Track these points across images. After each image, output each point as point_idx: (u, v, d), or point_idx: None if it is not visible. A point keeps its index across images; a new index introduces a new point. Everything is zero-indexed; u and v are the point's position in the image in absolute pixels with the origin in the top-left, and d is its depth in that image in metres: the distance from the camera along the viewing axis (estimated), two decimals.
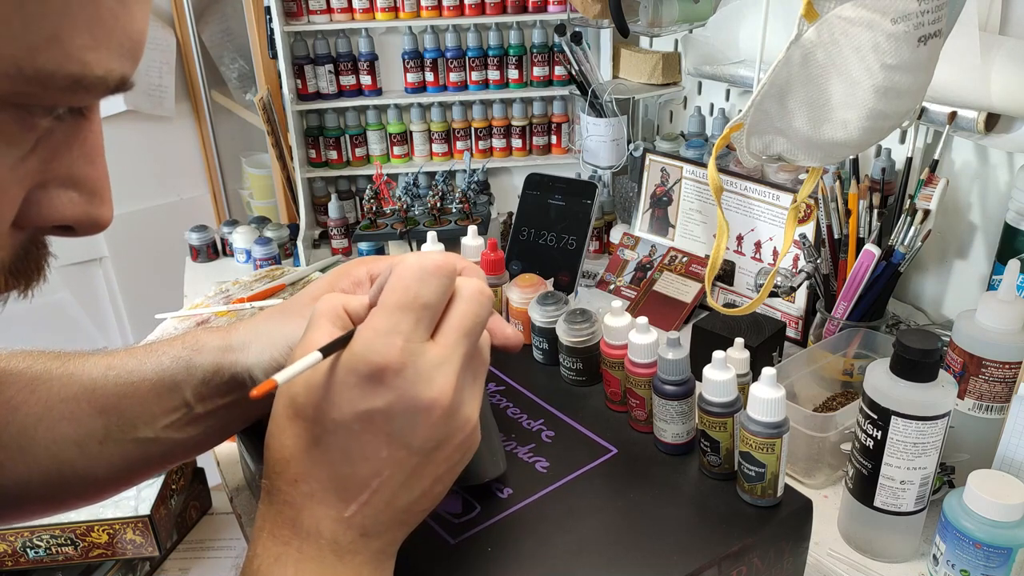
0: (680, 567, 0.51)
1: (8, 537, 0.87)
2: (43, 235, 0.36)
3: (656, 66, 1.28)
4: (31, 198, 0.33)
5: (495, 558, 0.52)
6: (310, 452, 0.43)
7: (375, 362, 0.41)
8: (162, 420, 0.58)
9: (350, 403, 0.42)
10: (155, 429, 0.58)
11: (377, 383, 0.41)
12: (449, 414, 0.43)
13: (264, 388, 0.39)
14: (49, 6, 0.28)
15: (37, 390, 0.57)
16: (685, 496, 0.58)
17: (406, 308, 0.42)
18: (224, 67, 2.04)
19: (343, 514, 0.43)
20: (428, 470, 0.44)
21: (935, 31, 0.63)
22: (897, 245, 0.86)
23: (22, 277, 0.35)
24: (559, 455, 0.62)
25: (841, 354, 0.88)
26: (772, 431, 0.56)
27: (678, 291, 1.11)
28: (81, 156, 0.34)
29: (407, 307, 0.42)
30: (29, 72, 0.29)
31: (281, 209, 1.64)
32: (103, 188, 0.35)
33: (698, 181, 1.13)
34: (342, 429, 0.42)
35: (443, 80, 1.36)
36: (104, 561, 0.91)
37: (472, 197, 1.25)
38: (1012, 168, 0.93)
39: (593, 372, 0.70)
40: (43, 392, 0.57)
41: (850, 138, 0.66)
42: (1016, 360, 0.70)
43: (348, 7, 1.30)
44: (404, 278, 0.43)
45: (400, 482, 0.44)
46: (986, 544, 0.61)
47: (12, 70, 0.28)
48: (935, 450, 0.65)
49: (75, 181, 0.34)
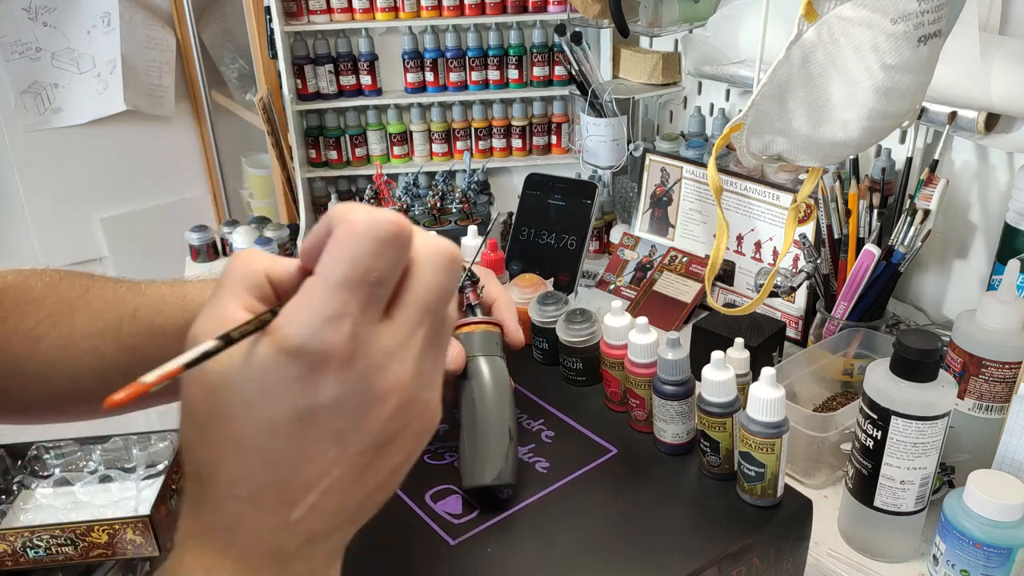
0: (680, 567, 0.51)
1: (8, 537, 0.87)
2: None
3: (656, 66, 1.28)
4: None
5: (495, 558, 0.52)
6: (243, 454, 0.36)
7: (319, 351, 0.33)
8: None
9: (290, 398, 0.34)
10: None
11: (320, 374, 0.34)
12: (406, 403, 0.36)
13: (130, 392, 0.31)
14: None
15: (59, 323, 0.58)
16: (685, 496, 0.58)
17: (355, 284, 0.34)
18: (224, 67, 2.04)
19: (288, 519, 0.36)
20: (382, 463, 0.38)
21: (935, 31, 0.63)
22: (897, 245, 0.86)
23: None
24: (559, 455, 0.62)
25: (841, 354, 0.88)
26: (772, 431, 0.56)
27: (678, 291, 1.11)
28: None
29: (356, 283, 0.34)
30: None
31: (281, 209, 1.64)
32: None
33: (698, 181, 1.13)
34: (279, 428, 0.35)
35: (443, 80, 1.36)
36: (104, 561, 0.91)
37: (472, 197, 1.25)
38: (1012, 168, 0.93)
39: (593, 372, 0.70)
40: (66, 325, 0.58)
41: (850, 138, 0.66)
42: (1016, 360, 0.70)
43: (348, 7, 1.30)
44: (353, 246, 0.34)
45: (352, 480, 0.37)
46: (986, 544, 0.61)
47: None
48: (935, 450, 0.65)
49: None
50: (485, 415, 0.56)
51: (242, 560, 0.37)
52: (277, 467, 0.36)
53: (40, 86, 1.94)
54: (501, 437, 0.55)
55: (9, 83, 1.89)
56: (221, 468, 0.36)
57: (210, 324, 0.35)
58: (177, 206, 2.17)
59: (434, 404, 0.39)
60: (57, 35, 1.92)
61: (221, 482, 0.36)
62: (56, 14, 1.89)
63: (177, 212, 2.14)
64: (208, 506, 0.37)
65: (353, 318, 0.34)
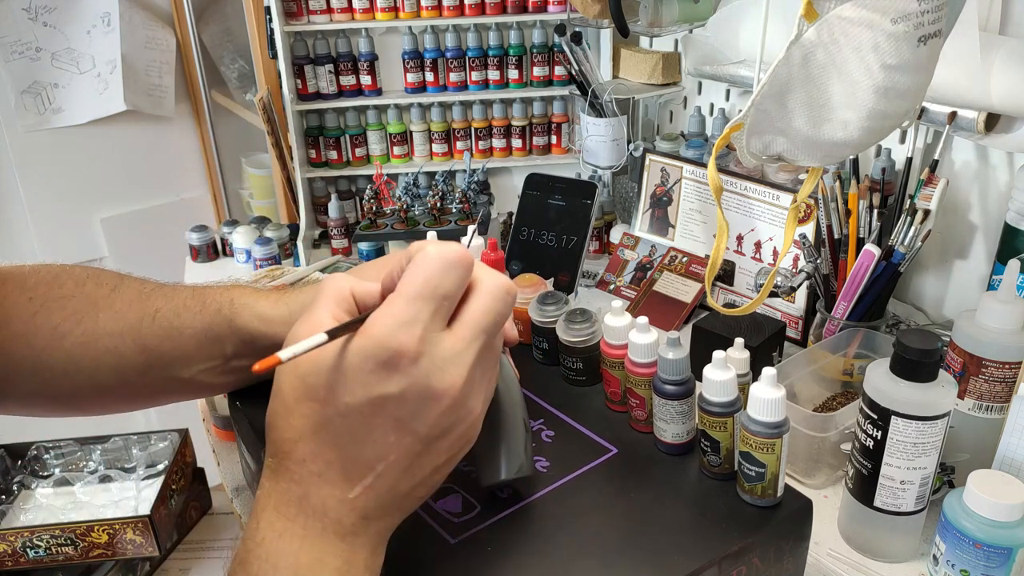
0: (680, 567, 0.51)
1: (8, 537, 0.87)
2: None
3: (656, 66, 1.28)
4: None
5: (495, 558, 0.52)
6: (319, 433, 0.43)
7: (393, 348, 0.41)
8: (200, 366, 0.62)
9: (364, 387, 0.42)
10: (192, 372, 0.62)
11: (392, 369, 0.42)
12: (456, 405, 0.44)
13: (267, 363, 0.39)
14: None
15: (83, 321, 0.61)
16: (685, 496, 0.58)
17: (426, 297, 0.42)
18: (224, 67, 2.04)
19: (347, 495, 0.44)
20: (429, 458, 0.45)
21: (935, 31, 0.63)
22: (897, 245, 0.86)
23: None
24: (559, 455, 0.62)
25: (841, 354, 0.88)
26: (772, 431, 0.56)
27: (678, 291, 1.11)
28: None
29: (427, 296, 0.42)
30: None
31: (281, 209, 1.64)
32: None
33: (698, 181, 1.13)
34: (354, 412, 0.42)
35: (443, 80, 1.36)
36: (104, 561, 0.91)
37: (472, 197, 1.25)
38: (1012, 168, 0.93)
39: (593, 372, 0.70)
40: (89, 323, 0.61)
41: (850, 138, 0.66)
42: (1016, 360, 0.70)
43: (348, 7, 1.30)
44: (426, 268, 0.43)
45: (404, 468, 0.44)
46: (986, 544, 0.61)
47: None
48: (935, 450, 0.65)
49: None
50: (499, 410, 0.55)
51: (309, 526, 0.44)
52: (345, 447, 0.43)
53: (40, 86, 1.94)
54: (517, 430, 0.55)
55: (9, 83, 1.89)
56: (298, 445, 0.44)
57: (305, 328, 0.43)
58: (177, 206, 2.17)
59: (476, 414, 0.46)
60: (57, 35, 1.92)
61: (296, 457, 0.44)
62: (56, 14, 1.89)
63: (177, 212, 2.14)
64: (283, 478, 0.44)
65: (423, 324, 0.42)
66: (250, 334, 0.60)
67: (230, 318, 0.61)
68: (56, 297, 0.61)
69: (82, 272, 0.64)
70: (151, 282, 0.66)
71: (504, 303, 0.45)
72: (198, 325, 0.61)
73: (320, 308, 0.45)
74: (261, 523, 0.44)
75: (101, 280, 0.64)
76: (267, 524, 0.44)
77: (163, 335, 0.61)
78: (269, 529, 0.44)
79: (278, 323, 0.59)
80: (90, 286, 0.63)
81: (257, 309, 0.61)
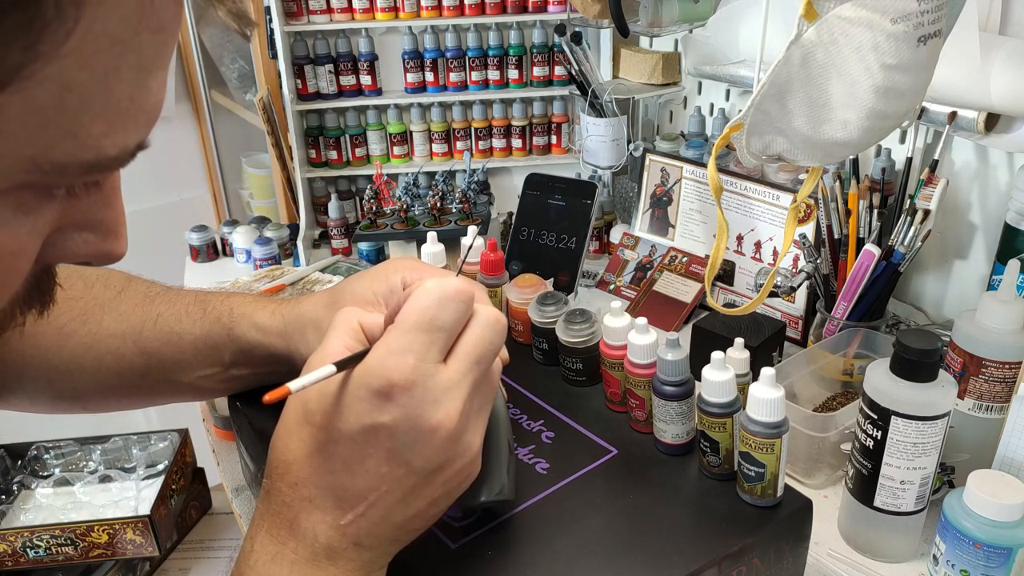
0: (680, 567, 0.51)
1: (8, 537, 0.87)
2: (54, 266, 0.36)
3: (656, 66, 1.28)
4: (47, 241, 0.32)
5: (495, 562, 0.52)
6: (313, 458, 0.44)
7: (386, 377, 0.42)
8: (199, 372, 0.63)
9: (357, 415, 0.42)
10: (191, 377, 0.63)
11: (385, 399, 0.42)
12: (453, 439, 0.44)
13: (277, 394, 0.40)
14: (65, 106, 0.27)
15: (88, 321, 0.62)
16: (685, 496, 0.58)
17: (421, 329, 0.43)
18: (224, 67, 2.04)
19: (339, 522, 0.44)
20: (426, 491, 0.45)
21: (935, 31, 0.63)
22: (897, 245, 0.86)
23: (34, 305, 0.36)
24: (559, 456, 0.62)
25: (841, 354, 0.88)
26: (772, 431, 0.56)
27: (678, 291, 1.11)
28: (99, 200, 0.34)
29: (422, 328, 0.43)
30: (45, 166, 0.28)
31: (281, 209, 1.64)
32: (119, 225, 0.35)
33: (698, 181, 1.13)
34: (346, 440, 0.43)
35: (443, 80, 1.36)
36: (104, 561, 0.91)
37: (472, 197, 1.25)
38: (1012, 168, 0.93)
39: (593, 372, 0.70)
40: (94, 325, 0.62)
41: (850, 138, 0.66)
42: (1016, 360, 0.70)
43: (348, 7, 1.30)
44: (422, 300, 0.43)
45: (397, 499, 0.44)
46: (986, 544, 0.61)
47: (28, 165, 0.28)
48: (935, 450, 0.65)
49: (92, 224, 0.34)
50: None
51: (299, 550, 0.44)
52: (337, 473, 0.44)
53: None
54: (501, 453, 0.54)
55: None
56: (292, 468, 0.44)
57: (318, 358, 0.45)
58: (177, 206, 2.17)
59: (474, 449, 0.46)
60: None
61: (289, 480, 0.44)
62: None
63: (177, 212, 2.14)
64: (275, 500, 0.45)
65: (417, 355, 0.42)
66: (248, 343, 0.61)
67: (229, 327, 0.61)
68: (65, 298, 0.62)
69: (92, 273, 0.65)
70: (158, 285, 0.66)
71: (495, 331, 0.45)
72: (198, 332, 0.62)
73: (333, 339, 0.46)
74: (255, 545, 0.45)
75: (110, 282, 0.65)
76: (260, 547, 0.45)
77: (164, 340, 0.62)
78: (263, 551, 0.44)
79: (273, 334, 0.60)
80: (98, 288, 0.64)
81: (255, 319, 0.61)
